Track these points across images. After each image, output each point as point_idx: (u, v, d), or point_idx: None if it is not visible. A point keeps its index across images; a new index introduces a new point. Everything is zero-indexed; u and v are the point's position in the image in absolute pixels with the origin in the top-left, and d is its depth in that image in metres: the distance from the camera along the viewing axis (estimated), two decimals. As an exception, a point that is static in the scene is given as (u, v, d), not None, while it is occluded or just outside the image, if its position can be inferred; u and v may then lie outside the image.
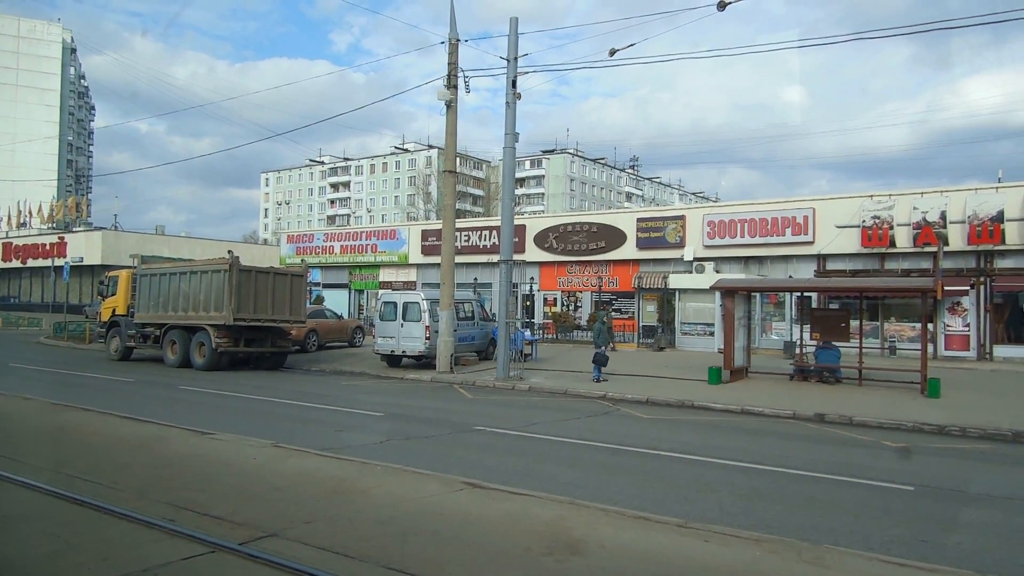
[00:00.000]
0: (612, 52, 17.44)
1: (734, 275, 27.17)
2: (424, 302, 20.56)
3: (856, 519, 6.86)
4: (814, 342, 18.61)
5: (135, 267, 23.63)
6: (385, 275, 40.35)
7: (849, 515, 6.99)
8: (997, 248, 23.94)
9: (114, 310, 24.23)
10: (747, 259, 28.66)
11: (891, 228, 25.31)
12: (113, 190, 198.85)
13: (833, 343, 18.01)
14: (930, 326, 22.79)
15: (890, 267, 25.80)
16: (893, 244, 25.29)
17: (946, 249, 22.80)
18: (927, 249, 24.40)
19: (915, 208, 25.04)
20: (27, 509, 6.11)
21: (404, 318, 20.63)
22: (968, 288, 24.10)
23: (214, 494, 6.53)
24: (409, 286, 36.87)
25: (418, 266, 38.69)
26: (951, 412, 13.30)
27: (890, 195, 26.00)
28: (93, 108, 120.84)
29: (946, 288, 19.30)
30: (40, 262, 52.44)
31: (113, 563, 4.69)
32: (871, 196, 26.24)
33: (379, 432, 11.22)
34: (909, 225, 25.07)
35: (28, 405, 12.17)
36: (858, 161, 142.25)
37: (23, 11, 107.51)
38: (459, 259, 26.23)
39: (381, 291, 36.47)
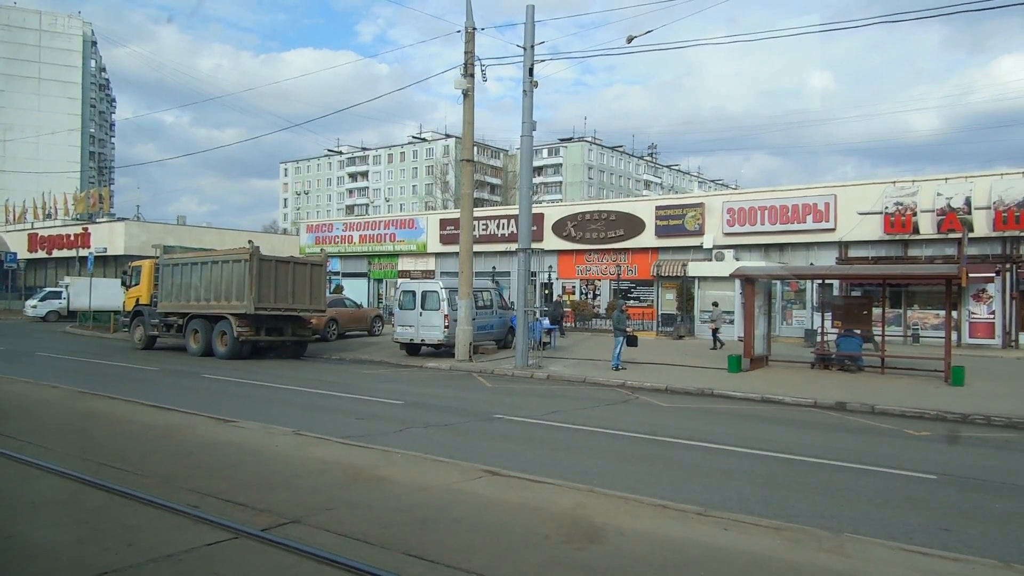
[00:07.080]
0: (629, 39, 17.33)
1: (754, 263, 26.97)
2: (443, 291, 20.62)
3: (877, 508, 6.81)
4: (835, 330, 18.44)
5: (158, 257, 23.88)
6: (404, 264, 40.50)
7: (870, 504, 6.94)
8: (1023, 234, 23.55)
9: (138, 300, 24.54)
10: (767, 247, 28.43)
11: (914, 215, 24.97)
12: (136, 181, 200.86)
13: (855, 331, 17.84)
14: (954, 314, 22.49)
15: (913, 254, 25.47)
16: (917, 231, 24.97)
17: (971, 235, 22.46)
18: (951, 236, 24.06)
19: (939, 194, 24.68)
20: (55, 495, 6.23)
21: (423, 307, 20.72)
22: (993, 275, 23.71)
23: (237, 481, 6.61)
24: (428, 275, 36.97)
25: (436, 255, 38.78)
26: (975, 400, 13.15)
27: (913, 181, 25.64)
28: (114, 100, 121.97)
29: (971, 275, 18.98)
30: (65, 252, 53.23)
31: (138, 548, 4.77)
32: (894, 182, 25.89)
33: (399, 420, 11.29)
34: (933, 211, 24.72)
35: (55, 393, 12.36)
36: (884, 147, 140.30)
37: (53, 4, 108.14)
38: (477, 248, 26.25)
39: (400, 280, 36.66)
